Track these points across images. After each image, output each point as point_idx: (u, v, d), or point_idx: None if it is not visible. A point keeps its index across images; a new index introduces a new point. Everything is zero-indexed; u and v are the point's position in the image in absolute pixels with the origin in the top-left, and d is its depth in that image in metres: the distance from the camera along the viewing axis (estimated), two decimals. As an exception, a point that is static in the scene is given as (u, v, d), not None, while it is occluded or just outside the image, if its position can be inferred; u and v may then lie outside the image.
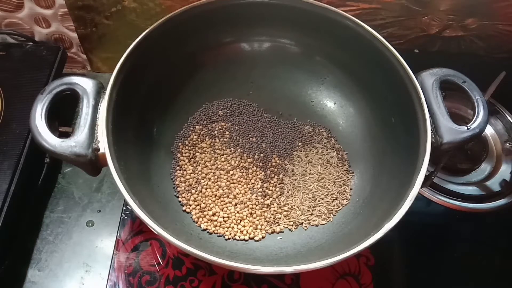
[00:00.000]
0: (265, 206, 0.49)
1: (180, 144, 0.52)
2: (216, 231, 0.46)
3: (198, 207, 0.48)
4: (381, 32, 0.53)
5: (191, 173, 0.50)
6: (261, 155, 0.52)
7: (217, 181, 0.50)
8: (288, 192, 0.50)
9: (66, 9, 0.56)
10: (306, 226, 0.48)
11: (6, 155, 0.48)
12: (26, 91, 0.52)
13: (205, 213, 0.47)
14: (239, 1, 0.51)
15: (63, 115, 0.48)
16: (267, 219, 0.48)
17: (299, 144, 0.53)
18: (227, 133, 0.53)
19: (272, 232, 0.47)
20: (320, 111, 0.56)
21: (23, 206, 0.49)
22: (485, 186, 0.56)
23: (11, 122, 0.50)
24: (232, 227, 0.47)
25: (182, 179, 0.49)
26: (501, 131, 0.61)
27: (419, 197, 0.52)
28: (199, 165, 0.51)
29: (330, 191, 0.50)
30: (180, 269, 0.47)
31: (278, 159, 0.52)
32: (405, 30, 0.62)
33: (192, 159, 0.51)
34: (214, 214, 0.47)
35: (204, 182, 0.49)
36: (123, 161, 0.39)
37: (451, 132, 0.42)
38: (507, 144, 0.59)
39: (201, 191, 0.49)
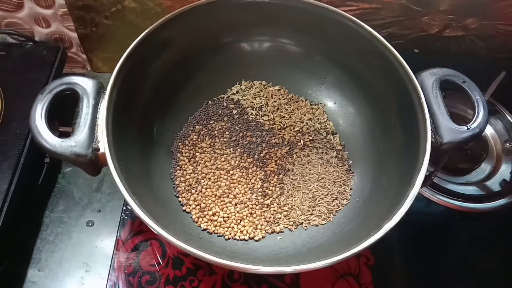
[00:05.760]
0: (265, 206, 0.49)
1: (180, 144, 0.52)
2: (216, 231, 0.46)
3: (198, 207, 0.48)
4: (381, 32, 0.53)
5: (191, 173, 0.50)
6: (261, 155, 0.52)
7: (217, 181, 0.50)
8: (288, 192, 0.50)
9: (66, 9, 0.56)
10: (306, 226, 0.48)
11: (6, 155, 0.48)
12: (26, 91, 0.52)
13: (205, 213, 0.47)
14: (239, 1, 0.51)
15: (63, 115, 0.48)
16: (267, 219, 0.48)
17: (299, 144, 0.53)
18: (227, 133, 0.53)
19: (272, 232, 0.47)
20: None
21: (23, 206, 0.48)
22: (485, 186, 0.56)
23: (11, 122, 0.50)
24: (232, 227, 0.47)
25: (182, 179, 0.49)
26: (501, 131, 0.61)
27: (419, 197, 0.52)
28: (199, 165, 0.51)
29: (330, 191, 0.50)
30: (180, 269, 0.47)
31: (278, 159, 0.52)
32: (405, 30, 0.62)
33: (192, 159, 0.51)
34: (214, 214, 0.47)
35: (204, 182, 0.49)
36: (123, 161, 0.39)
37: (451, 132, 0.42)
38: (507, 144, 0.59)
39: (201, 191, 0.49)
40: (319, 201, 0.49)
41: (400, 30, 0.62)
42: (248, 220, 0.47)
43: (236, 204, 0.48)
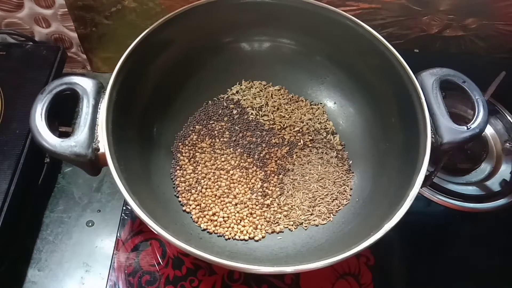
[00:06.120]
0: (265, 206, 0.49)
1: (180, 144, 0.52)
2: (216, 231, 0.46)
3: (198, 207, 0.48)
4: (381, 32, 0.53)
5: (191, 173, 0.50)
6: (261, 155, 0.52)
7: (217, 181, 0.50)
8: (288, 192, 0.50)
9: (66, 9, 0.56)
10: (306, 226, 0.48)
11: (6, 155, 0.48)
12: (26, 91, 0.52)
13: (205, 213, 0.47)
14: (239, 1, 0.51)
15: (63, 115, 0.48)
16: (267, 219, 0.48)
17: (299, 144, 0.53)
18: (227, 133, 0.53)
19: (272, 232, 0.47)
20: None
21: (23, 206, 0.49)
22: (485, 186, 0.56)
23: (11, 122, 0.50)
24: (232, 227, 0.47)
25: (182, 179, 0.49)
26: (501, 131, 0.61)
27: (419, 197, 0.52)
28: (199, 165, 0.51)
29: (330, 191, 0.50)
30: (180, 269, 0.47)
31: (278, 159, 0.52)
32: (405, 30, 0.62)
33: (192, 159, 0.51)
34: (214, 214, 0.47)
35: (204, 182, 0.49)
36: (123, 161, 0.39)
37: (451, 132, 0.42)
38: (507, 144, 0.59)
39: (201, 191, 0.49)
40: (319, 201, 0.49)
41: (400, 30, 0.62)
42: (248, 220, 0.47)
43: (236, 204, 0.48)
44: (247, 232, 0.46)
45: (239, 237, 0.46)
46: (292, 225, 0.48)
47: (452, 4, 0.58)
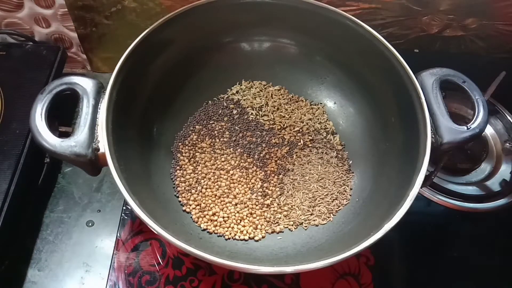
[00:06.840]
0: (265, 206, 0.49)
1: (180, 144, 0.52)
2: (216, 231, 0.46)
3: (198, 207, 0.48)
4: (381, 32, 0.53)
5: (191, 173, 0.50)
6: (261, 155, 0.52)
7: (217, 181, 0.50)
8: (288, 192, 0.50)
9: (66, 9, 0.56)
10: (306, 226, 0.48)
11: (6, 155, 0.48)
12: (26, 91, 0.52)
13: (205, 213, 0.47)
14: (239, 1, 0.51)
15: (63, 115, 0.48)
16: (267, 219, 0.48)
17: (299, 144, 0.53)
18: (227, 133, 0.53)
19: (272, 232, 0.47)
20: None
21: (23, 206, 0.48)
22: (485, 186, 0.56)
23: (11, 122, 0.50)
24: (232, 227, 0.47)
25: (182, 179, 0.49)
26: (501, 131, 0.61)
27: (419, 197, 0.52)
28: (199, 165, 0.51)
29: (330, 191, 0.50)
30: (180, 269, 0.47)
31: (278, 159, 0.52)
32: (405, 30, 0.62)
33: (192, 159, 0.51)
34: (214, 214, 0.47)
35: (204, 182, 0.49)
36: (123, 161, 0.39)
37: (451, 132, 0.42)
38: (507, 144, 0.59)
39: (201, 191, 0.49)
40: (319, 201, 0.49)
41: (400, 30, 0.62)
42: (248, 220, 0.47)
43: (236, 204, 0.48)
44: (247, 232, 0.46)
45: (239, 237, 0.46)
46: (292, 225, 0.48)
47: (452, 4, 0.58)
